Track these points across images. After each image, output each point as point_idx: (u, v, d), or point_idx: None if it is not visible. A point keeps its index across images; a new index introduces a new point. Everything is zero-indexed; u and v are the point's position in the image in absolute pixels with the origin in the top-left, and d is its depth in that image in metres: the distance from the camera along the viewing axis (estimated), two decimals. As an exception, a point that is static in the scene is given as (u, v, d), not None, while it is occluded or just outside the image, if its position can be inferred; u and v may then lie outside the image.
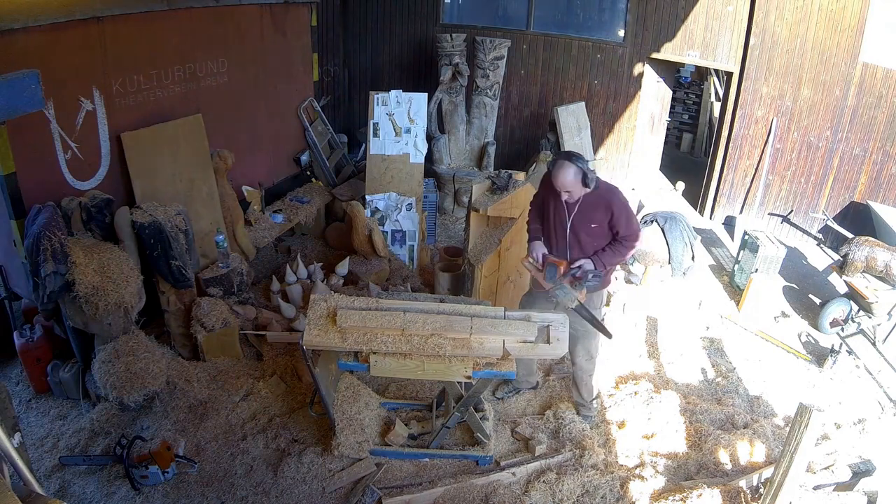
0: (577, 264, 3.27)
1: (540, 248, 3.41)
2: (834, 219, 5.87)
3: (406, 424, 3.62)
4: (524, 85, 7.60)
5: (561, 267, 3.28)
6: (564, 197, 3.21)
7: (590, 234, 3.30)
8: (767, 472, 3.18)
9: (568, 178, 3.10)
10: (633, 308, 4.91)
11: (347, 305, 3.08)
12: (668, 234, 5.31)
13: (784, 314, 5.16)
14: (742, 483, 3.20)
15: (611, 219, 3.25)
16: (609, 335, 3.35)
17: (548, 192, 3.35)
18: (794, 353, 4.66)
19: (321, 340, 2.96)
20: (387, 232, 5.51)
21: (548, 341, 2.99)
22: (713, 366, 4.46)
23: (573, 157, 3.13)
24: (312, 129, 6.02)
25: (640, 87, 7.02)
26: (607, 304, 4.88)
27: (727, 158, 6.73)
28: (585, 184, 3.14)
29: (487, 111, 7.07)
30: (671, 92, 7.61)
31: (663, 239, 5.31)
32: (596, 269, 3.27)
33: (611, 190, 3.28)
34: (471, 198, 4.38)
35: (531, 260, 3.41)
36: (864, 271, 4.81)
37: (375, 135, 5.67)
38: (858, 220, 5.88)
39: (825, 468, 3.29)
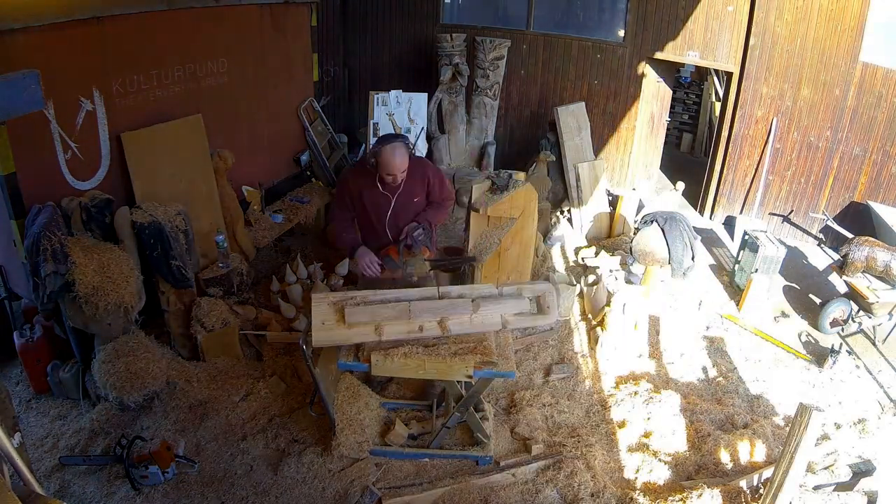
0: (403, 235, 3.34)
1: (367, 253, 3.37)
2: (834, 219, 5.86)
3: (406, 424, 3.62)
4: (524, 85, 7.59)
5: (393, 252, 3.36)
6: (399, 179, 3.20)
7: (412, 209, 3.36)
8: (767, 472, 3.18)
9: (405, 159, 3.16)
10: (633, 308, 4.91)
11: (352, 302, 3.07)
12: (668, 234, 5.30)
13: (784, 314, 5.16)
14: (742, 483, 3.20)
15: (427, 186, 3.36)
16: (473, 259, 3.53)
17: (358, 187, 3.32)
18: (794, 353, 4.66)
19: (329, 337, 2.98)
20: (387, 232, 5.51)
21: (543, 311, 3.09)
22: (713, 366, 4.46)
23: (399, 136, 3.22)
24: (312, 129, 6.02)
25: (640, 87, 7.01)
26: (608, 305, 4.88)
27: (727, 158, 6.72)
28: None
29: (487, 111, 7.07)
30: (671, 92, 7.60)
31: (663, 239, 5.30)
32: (422, 226, 3.34)
33: (420, 160, 3.42)
34: (471, 198, 4.38)
35: (369, 265, 3.34)
36: (864, 271, 4.81)
37: (375, 135, 5.67)
38: (858, 220, 5.88)
39: (825, 468, 3.29)
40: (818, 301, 5.27)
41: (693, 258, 5.45)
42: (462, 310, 3.03)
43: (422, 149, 5.77)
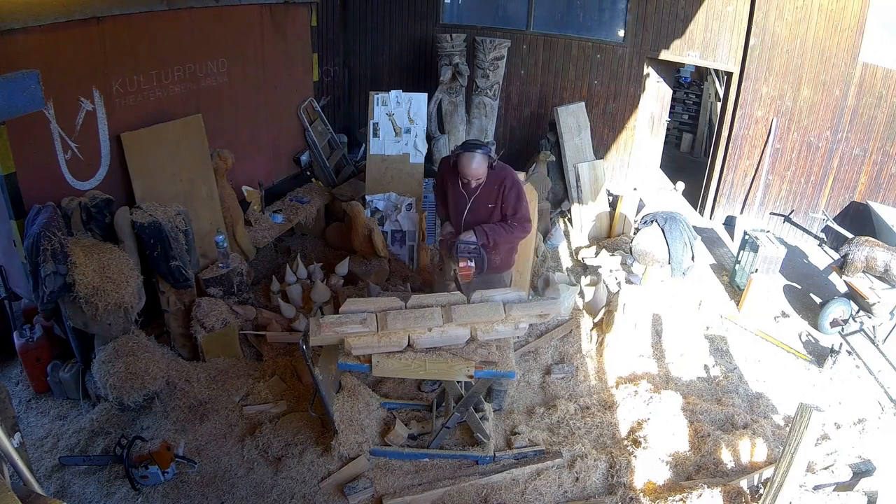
0: (459, 237, 3.46)
1: (447, 227, 3.68)
2: (834, 219, 5.87)
3: (406, 424, 3.62)
4: (524, 85, 7.60)
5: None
6: (474, 183, 3.41)
7: (485, 214, 3.49)
8: (767, 472, 3.18)
9: (481, 168, 3.35)
10: (633, 308, 4.91)
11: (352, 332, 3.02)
12: (668, 234, 5.31)
13: (784, 314, 5.15)
14: (742, 483, 3.20)
15: (501, 198, 3.43)
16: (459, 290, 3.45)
17: (446, 179, 3.55)
18: (794, 353, 4.66)
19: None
20: (387, 232, 5.51)
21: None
22: (713, 366, 4.46)
23: (481, 146, 3.36)
24: (312, 129, 6.02)
25: (641, 86, 7.01)
26: (608, 304, 4.88)
27: (727, 158, 6.72)
28: (491, 166, 3.40)
29: (487, 111, 7.07)
30: (671, 92, 7.60)
31: (663, 239, 5.30)
32: (476, 239, 3.41)
33: (504, 168, 3.48)
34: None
35: (442, 236, 3.70)
36: (864, 271, 4.81)
37: (375, 135, 5.67)
38: (858, 220, 5.88)
39: (825, 468, 3.29)
40: (818, 301, 5.27)
41: (693, 258, 5.45)
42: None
43: (422, 149, 5.76)
